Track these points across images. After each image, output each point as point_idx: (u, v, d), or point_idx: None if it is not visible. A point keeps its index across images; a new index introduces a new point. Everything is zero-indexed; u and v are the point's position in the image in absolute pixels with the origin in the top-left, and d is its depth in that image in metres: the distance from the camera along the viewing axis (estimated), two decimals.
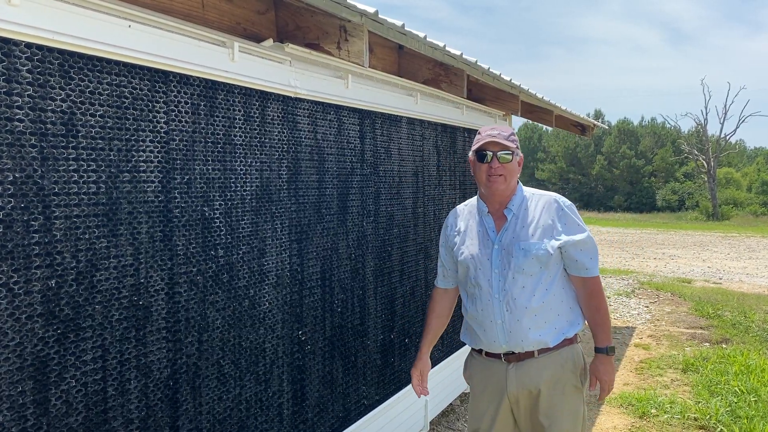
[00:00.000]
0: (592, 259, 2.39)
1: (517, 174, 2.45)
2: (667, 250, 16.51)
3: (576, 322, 2.44)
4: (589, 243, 2.39)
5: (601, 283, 2.48)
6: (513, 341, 2.36)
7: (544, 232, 2.36)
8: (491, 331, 2.38)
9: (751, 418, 4.26)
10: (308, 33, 2.63)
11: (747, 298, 9.09)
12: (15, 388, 1.54)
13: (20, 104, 1.54)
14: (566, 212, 2.40)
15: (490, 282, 2.38)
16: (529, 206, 2.41)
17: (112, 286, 1.78)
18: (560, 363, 2.38)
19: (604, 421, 4.44)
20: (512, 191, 2.44)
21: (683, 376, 5.48)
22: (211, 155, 2.15)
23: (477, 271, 2.42)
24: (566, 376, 2.39)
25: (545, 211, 2.39)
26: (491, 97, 4.97)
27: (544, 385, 2.36)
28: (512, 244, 2.36)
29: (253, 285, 2.34)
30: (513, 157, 2.39)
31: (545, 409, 2.37)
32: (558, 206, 2.40)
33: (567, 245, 2.35)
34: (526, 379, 2.37)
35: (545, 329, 2.36)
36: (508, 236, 2.38)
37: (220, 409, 2.19)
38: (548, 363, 2.37)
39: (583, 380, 2.44)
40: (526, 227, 2.37)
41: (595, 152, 42.78)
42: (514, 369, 2.39)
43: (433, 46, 3.16)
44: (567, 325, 2.42)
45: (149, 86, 1.91)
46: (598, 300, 2.42)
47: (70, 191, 1.67)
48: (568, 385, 2.39)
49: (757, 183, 37.43)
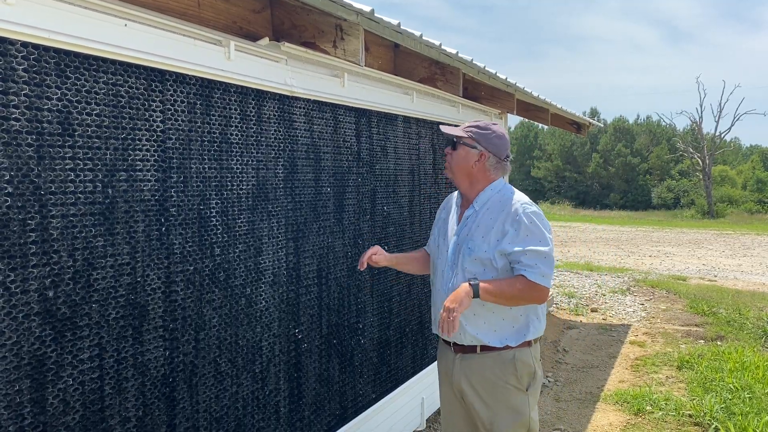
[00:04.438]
0: (542, 270, 2.23)
1: (466, 167, 2.40)
2: (663, 247, 16.56)
3: (525, 332, 2.35)
4: (542, 255, 2.24)
5: (540, 294, 2.24)
6: (463, 335, 2.38)
7: (495, 236, 2.29)
8: (437, 320, 2.43)
9: (746, 415, 4.29)
10: (304, 32, 2.64)
11: (742, 296, 9.13)
12: (12, 387, 1.54)
13: (16, 103, 1.54)
14: (523, 221, 2.26)
15: (442, 273, 2.42)
16: (493, 206, 2.35)
17: (108, 284, 1.79)
18: (501, 363, 2.35)
19: (599, 418, 4.46)
20: (474, 185, 2.41)
21: (678, 373, 5.50)
22: (207, 154, 2.15)
23: (436, 260, 2.48)
24: (506, 377, 2.35)
25: (504, 215, 2.30)
26: (487, 95, 4.98)
27: (483, 383, 2.36)
28: (464, 241, 2.36)
29: (249, 283, 2.35)
30: (458, 147, 2.39)
31: (484, 408, 2.36)
32: (517, 213, 2.28)
33: (516, 254, 2.24)
34: (468, 371, 2.38)
35: (484, 330, 2.34)
36: (465, 232, 2.38)
37: (217, 408, 2.20)
38: (489, 362, 2.35)
39: (531, 384, 2.37)
40: (481, 227, 2.33)
41: (590, 150, 42.86)
42: (459, 360, 2.41)
43: (429, 45, 3.16)
44: (513, 331, 2.34)
45: (145, 85, 1.91)
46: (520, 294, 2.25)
47: (66, 190, 1.67)
48: (508, 385, 2.35)
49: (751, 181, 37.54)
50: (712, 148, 35.74)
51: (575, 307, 8.41)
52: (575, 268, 12.15)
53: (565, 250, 15.59)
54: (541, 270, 2.23)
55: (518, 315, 2.35)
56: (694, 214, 32.57)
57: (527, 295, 2.25)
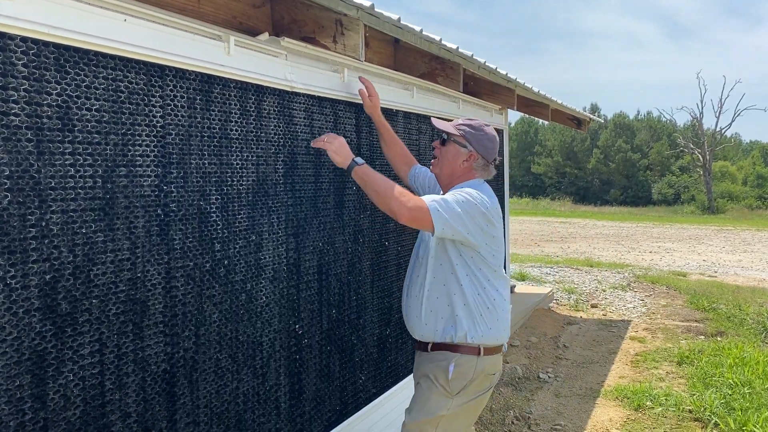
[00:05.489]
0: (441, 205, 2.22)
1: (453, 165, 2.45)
2: (663, 243, 16.56)
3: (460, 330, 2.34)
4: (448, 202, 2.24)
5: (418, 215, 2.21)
6: (408, 325, 2.51)
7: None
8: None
9: (746, 410, 4.30)
10: (304, 27, 2.63)
11: (742, 291, 9.13)
12: (13, 383, 1.54)
13: (16, 98, 1.54)
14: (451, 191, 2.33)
15: (412, 263, 2.54)
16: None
17: (109, 280, 1.79)
18: (437, 361, 2.39)
19: (599, 414, 4.47)
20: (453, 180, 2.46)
21: (678, 368, 5.51)
22: (207, 149, 2.15)
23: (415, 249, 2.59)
24: (437, 374, 2.37)
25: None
26: (487, 91, 4.97)
27: (422, 379, 2.43)
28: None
29: (249, 279, 2.35)
30: (448, 143, 2.46)
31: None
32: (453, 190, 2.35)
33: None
34: (418, 368, 2.48)
35: (427, 324, 2.41)
36: None
37: (217, 403, 2.20)
38: (432, 358, 2.41)
39: (457, 390, 2.35)
40: None
41: (591, 146, 42.80)
42: (417, 356, 2.53)
43: (429, 40, 3.15)
44: (452, 330, 2.35)
45: (145, 80, 1.91)
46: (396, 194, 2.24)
47: (66, 185, 1.66)
48: (435, 383, 2.37)
49: (752, 177, 37.50)
50: (713, 144, 35.73)
51: (575, 303, 8.42)
52: (575, 264, 12.15)
53: (565, 246, 15.59)
54: (440, 205, 2.23)
55: (453, 313, 2.37)
56: (695, 209, 32.57)
57: (404, 204, 2.21)
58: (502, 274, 2.46)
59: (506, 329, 2.46)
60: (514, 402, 4.68)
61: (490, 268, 2.40)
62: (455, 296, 2.37)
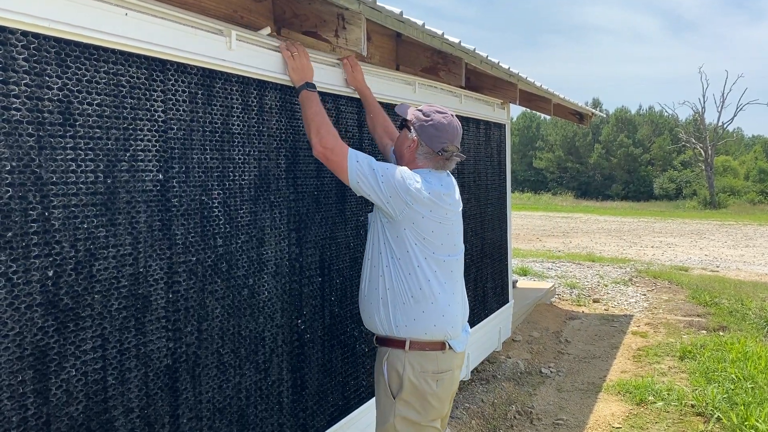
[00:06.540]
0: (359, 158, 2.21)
1: (398, 147, 2.44)
2: (665, 238, 16.55)
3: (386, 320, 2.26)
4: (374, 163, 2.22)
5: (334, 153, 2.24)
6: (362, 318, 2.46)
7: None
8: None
9: (748, 405, 4.29)
10: (306, 21, 2.62)
11: (744, 286, 9.12)
12: (15, 378, 1.54)
13: (17, 93, 1.53)
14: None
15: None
16: None
17: (111, 275, 1.78)
18: (379, 358, 2.36)
19: (601, 408, 4.47)
20: (400, 162, 2.41)
21: (680, 363, 5.51)
22: (209, 144, 2.14)
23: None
24: (379, 373, 2.33)
25: None
26: (489, 85, 4.96)
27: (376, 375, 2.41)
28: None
29: (252, 274, 2.34)
30: (404, 127, 2.42)
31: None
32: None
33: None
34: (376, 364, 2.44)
35: (372, 316, 2.35)
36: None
37: (220, 398, 2.20)
38: (377, 354, 2.39)
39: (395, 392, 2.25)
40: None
41: (593, 141, 42.76)
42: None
43: (431, 34, 3.14)
44: (391, 323, 2.25)
45: (146, 75, 1.90)
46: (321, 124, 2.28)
47: (68, 180, 1.66)
48: (378, 384, 2.34)
49: (754, 171, 37.43)
50: (715, 139, 35.65)
51: (577, 297, 8.41)
52: (577, 258, 12.14)
53: (567, 240, 15.58)
54: (362, 158, 2.22)
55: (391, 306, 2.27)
56: (696, 204, 32.53)
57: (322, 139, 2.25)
58: (449, 266, 2.28)
59: (440, 324, 2.22)
60: (517, 397, 4.68)
61: (425, 253, 2.22)
62: (380, 280, 2.27)
